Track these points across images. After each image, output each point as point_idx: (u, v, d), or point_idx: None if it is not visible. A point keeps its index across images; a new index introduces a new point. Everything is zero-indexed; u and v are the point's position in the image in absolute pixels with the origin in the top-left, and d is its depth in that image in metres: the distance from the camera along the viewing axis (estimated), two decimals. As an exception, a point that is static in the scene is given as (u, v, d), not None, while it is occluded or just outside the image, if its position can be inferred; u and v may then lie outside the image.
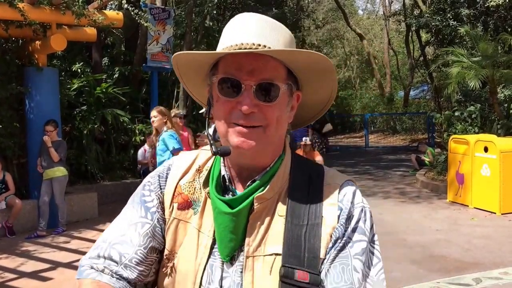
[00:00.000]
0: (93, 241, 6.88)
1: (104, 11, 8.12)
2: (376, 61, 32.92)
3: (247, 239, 1.03)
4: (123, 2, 7.52)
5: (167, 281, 1.10)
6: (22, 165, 8.30)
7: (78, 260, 5.95)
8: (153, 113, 6.36)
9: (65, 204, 7.51)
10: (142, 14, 8.27)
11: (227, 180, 1.09)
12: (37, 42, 7.86)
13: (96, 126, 9.97)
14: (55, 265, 5.82)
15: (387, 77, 30.98)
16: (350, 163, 15.78)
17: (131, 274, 1.07)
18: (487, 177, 8.22)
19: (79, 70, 10.73)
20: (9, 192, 7.43)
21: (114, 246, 1.09)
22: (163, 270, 1.11)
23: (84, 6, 7.51)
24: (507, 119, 10.87)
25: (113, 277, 1.06)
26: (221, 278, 1.04)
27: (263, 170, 1.07)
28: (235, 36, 1.03)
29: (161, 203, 1.13)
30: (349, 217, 1.03)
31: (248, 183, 1.06)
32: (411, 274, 5.23)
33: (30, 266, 5.78)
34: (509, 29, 13.73)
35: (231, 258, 1.04)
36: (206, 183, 1.10)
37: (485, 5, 13.40)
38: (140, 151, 10.50)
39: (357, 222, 1.03)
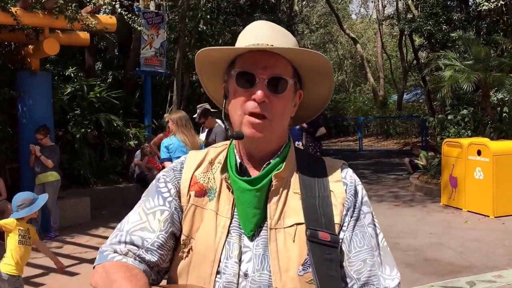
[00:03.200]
0: (86, 246, 6.86)
1: (97, 15, 8.10)
2: (370, 65, 33.03)
3: (269, 213, 1.17)
4: (116, 6, 7.49)
5: (183, 264, 1.19)
6: (14, 170, 8.25)
7: (71, 266, 5.94)
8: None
9: (58, 209, 7.46)
10: (136, 18, 8.26)
11: (243, 166, 1.23)
12: (29, 46, 7.83)
13: (89, 130, 9.93)
14: (48, 270, 5.76)
15: (381, 80, 31.08)
16: (344, 167, 15.75)
17: (152, 258, 1.16)
18: (480, 180, 8.24)
19: (72, 75, 10.69)
20: (1, 197, 7.38)
21: (134, 233, 1.17)
22: (180, 255, 1.20)
23: (77, 10, 7.48)
24: (500, 123, 10.93)
25: (136, 260, 1.14)
26: (240, 252, 1.16)
27: (271, 155, 1.22)
28: (251, 38, 1.20)
29: (178, 192, 1.23)
30: (356, 192, 1.23)
31: (264, 165, 1.21)
32: (404, 278, 5.23)
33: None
34: (501, 33, 13.81)
35: (252, 234, 1.17)
36: (223, 170, 1.23)
37: (477, 9, 13.49)
38: (138, 153, 10.45)
39: (363, 197, 1.24)
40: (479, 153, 8.32)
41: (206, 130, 7.70)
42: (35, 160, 7.30)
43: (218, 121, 7.73)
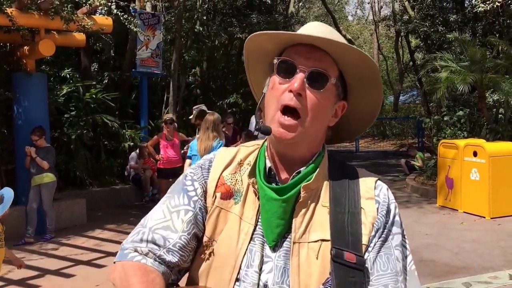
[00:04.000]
0: (82, 247, 6.84)
1: (93, 16, 8.07)
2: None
3: (293, 226, 1.11)
4: (112, 7, 7.48)
5: (204, 266, 1.16)
6: (10, 172, 8.22)
7: (66, 268, 5.92)
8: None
9: (54, 210, 7.43)
10: (132, 19, 8.23)
11: (273, 171, 1.17)
12: (25, 47, 7.79)
13: (85, 131, 9.91)
14: (43, 272, 5.75)
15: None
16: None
17: (173, 259, 1.12)
18: (476, 181, 8.26)
19: (68, 76, 10.66)
20: (-4, 199, 7.34)
21: (156, 231, 1.14)
22: (201, 256, 1.16)
23: (73, 11, 7.46)
24: (495, 124, 10.95)
25: (155, 261, 1.11)
26: (261, 262, 1.12)
27: (303, 163, 1.16)
28: (304, 32, 1.16)
29: (204, 192, 1.20)
30: (388, 211, 1.15)
31: (294, 174, 1.15)
32: (401, 279, 5.22)
33: (17, 273, 5.69)
34: (497, 35, 13.86)
35: (274, 244, 1.12)
36: (251, 174, 1.18)
37: (473, 11, 13.53)
38: (133, 155, 10.42)
39: (394, 216, 1.16)
40: (475, 154, 8.33)
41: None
42: (30, 162, 7.27)
43: None
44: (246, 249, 1.13)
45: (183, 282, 1.21)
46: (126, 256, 1.12)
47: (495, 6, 11.62)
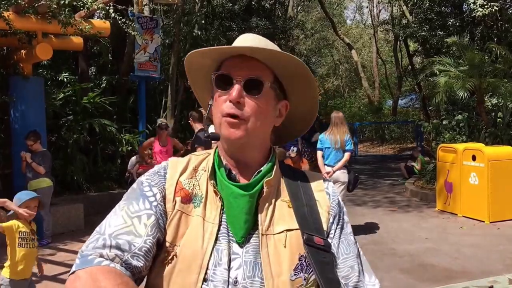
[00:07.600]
0: (78, 253, 6.81)
1: (91, 20, 8.06)
2: (365, 70, 33.10)
3: (260, 220, 1.19)
4: (110, 11, 7.44)
5: (166, 270, 1.15)
6: (6, 176, 8.18)
7: (63, 273, 5.87)
8: None
9: (50, 215, 7.39)
10: (130, 23, 8.21)
11: (233, 173, 1.24)
12: (22, 51, 7.77)
13: (82, 136, 9.87)
14: (40, 278, 5.70)
15: (376, 86, 31.14)
16: (339, 172, 15.76)
17: (138, 263, 1.11)
18: (475, 185, 8.23)
19: (65, 80, 10.63)
20: (-7, 203, 7.29)
21: (119, 236, 1.12)
22: (161, 261, 1.16)
23: (70, 15, 7.43)
24: (494, 128, 10.93)
25: (122, 266, 1.09)
26: (229, 260, 1.15)
27: (259, 165, 1.25)
28: (236, 44, 1.25)
29: (163, 197, 1.21)
30: (338, 202, 1.30)
31: (255, 172, 1.23)
32: (400, 283, 5.20)
33: (13, 279, 5.65)
34: (495, 39, 13.86)
35: (243, 240, 1.18)
36: (212, 176, 1.23)
37: (472, 15, 13.53)
38: (133, 160, 10.37)
39: (343, 207, 1.31)
40: (474, 158, 8.31)
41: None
42: (26, 166, 7.22)
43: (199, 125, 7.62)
44: (212, 249, 1.15)
45: None
46: (92, 262, 1.06)
47: (493, 10, 11.64)
